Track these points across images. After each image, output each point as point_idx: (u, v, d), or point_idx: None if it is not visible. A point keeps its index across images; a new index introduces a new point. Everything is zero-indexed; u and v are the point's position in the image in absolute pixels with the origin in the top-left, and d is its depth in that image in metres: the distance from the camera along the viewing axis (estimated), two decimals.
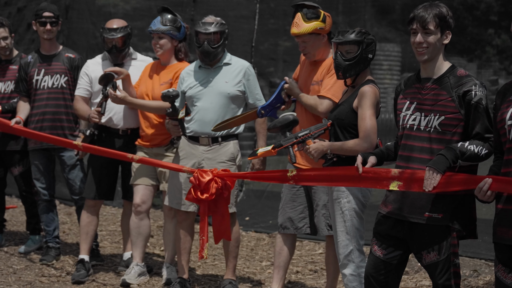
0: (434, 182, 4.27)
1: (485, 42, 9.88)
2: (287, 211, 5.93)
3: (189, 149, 6.32)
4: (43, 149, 7.34)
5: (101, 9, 11.47)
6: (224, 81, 6.25)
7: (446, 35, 4.49)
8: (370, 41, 5.21)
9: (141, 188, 6.72)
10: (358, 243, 5.22)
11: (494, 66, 10.02)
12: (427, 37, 4.49)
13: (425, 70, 4.55)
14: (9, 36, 7.73)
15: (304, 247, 8.17)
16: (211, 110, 6.21)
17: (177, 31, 6.65)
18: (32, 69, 7.37)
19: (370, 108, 5.12)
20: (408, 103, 4.55)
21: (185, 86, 6.36)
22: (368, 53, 5.21)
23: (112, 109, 6.86)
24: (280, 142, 5.29)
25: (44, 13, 7.31)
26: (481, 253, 7.48)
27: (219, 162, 6.21)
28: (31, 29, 11.48)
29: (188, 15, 10.28)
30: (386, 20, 10.79)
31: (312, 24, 5.69)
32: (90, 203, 6.99)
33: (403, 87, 4.66)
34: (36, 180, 7.46)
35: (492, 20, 10.05)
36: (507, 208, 4.11)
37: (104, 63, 7.02)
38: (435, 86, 4.47)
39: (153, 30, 6.60)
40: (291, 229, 5.92)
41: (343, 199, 5.18)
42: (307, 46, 5.74)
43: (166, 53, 6.66)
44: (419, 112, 4.49)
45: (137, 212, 6.72)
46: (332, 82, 5.63)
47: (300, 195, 5.91)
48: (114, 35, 6.89)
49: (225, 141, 6.27)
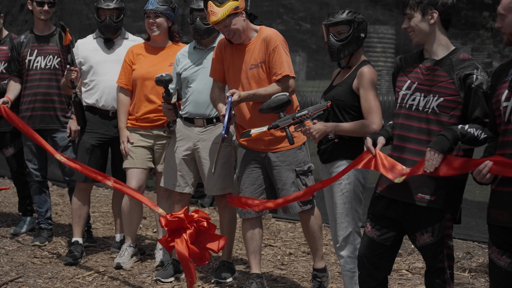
0: (436, 163, 4.24)
1: (480, 25, 9.88)
2: (247, 195, 5.85)
3: (185, 131, 6.29)
4: (35, 130, 7.29)
5: None
6: None
7: (430, 15, 4.44)
8: (361, 20, 5.17)
9: (137, 172, 6.65)
10: (357, 225, 5.20)
11: (488, 49, 10.03)
12: (409, 21, 4.48)
13: (427, 51, 4.52)
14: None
15: (297, 229, 8.15)
16: (205, 91, 6.16)
17: (173, 11, 6.62)
18: (25, 49, 7.31)
19: (373, 89, 5.10)
20: (409, 82, 4.52)
21: (180, 68, 6.31)
22: (360, 32, 5.16)
23: (101, 90, 6.82)
24: (277, 123, 5.24)
25: None
26: (473, 235, 7.49)
27: (214, 143, 6.17)
28: (25, 10, 11.44)
29: None
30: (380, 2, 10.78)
31: (226, 6, 5.58)
32: (81, 186, 6.95)
33: (404, 64, 4.63)
34: (29, 161, 7.42)
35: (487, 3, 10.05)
36: (502, 190, 4.08)
37: (97, 40, 6.97)
38: (437, 67, 4.43)
39: (151, 9, 6.52)
40: (253, 213, 5.88)
41: (344, 181, 5.14)
42: (231, 29, 5.64)
43: (162, 34, 6.61)
44: (419, 92, 4.46)
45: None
46: (283, 57, 5.60)
47: (259, 178, 5.87)
48: (110, 5, 6.84)
49: (220, 122, 6.24)
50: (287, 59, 5.67)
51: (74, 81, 6.68)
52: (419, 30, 4.45)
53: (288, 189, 5.74)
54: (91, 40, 7.01)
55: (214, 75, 5.93)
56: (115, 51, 6.91)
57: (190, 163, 6.30)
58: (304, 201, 5.75)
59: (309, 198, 5.78)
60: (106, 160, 7.03)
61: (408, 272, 6.56)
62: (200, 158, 6.22)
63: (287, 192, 5.72)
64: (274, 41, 5.65)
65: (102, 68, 6.85)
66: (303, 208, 5.81)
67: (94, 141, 6.83)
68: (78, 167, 6.30)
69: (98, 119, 6.87)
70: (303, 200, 5.75)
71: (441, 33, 4.47)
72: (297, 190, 5.70)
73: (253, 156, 5.84)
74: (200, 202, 9.37)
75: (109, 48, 6.92)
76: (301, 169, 5.76)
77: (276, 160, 5.74)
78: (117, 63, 6.76)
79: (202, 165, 6.23)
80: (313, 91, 10.62)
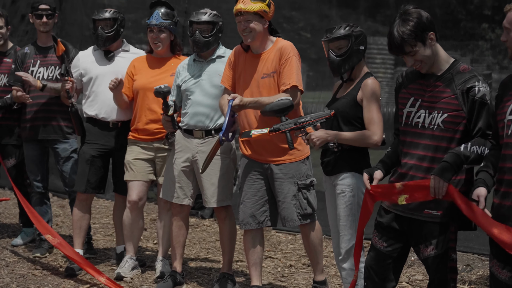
0: (442, 191, 4.26)
1: (479, 36, 9.87)
2: (249, 207, 5.87)
3: (184, 142, 6.29)
4: (37, 141, 7.30)
5: (95, 1, 11.42)
6: (217, 74, 6.20)
7: (429, 38, 4.43)
8: (358, 33, 5.19)
9: (138, 184, 6.66)
10: None
11: (487, 61, 10.01)
12: (412, 58, 4.46)
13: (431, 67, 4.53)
14: (4, 26, 7.68)
15: (297, 240, 8.15)
16: (204, 103, 6.18)
17: (175, 25, 6.63)
18: (28, 60, 7.34)
19: (376, 101, 5.13)
20: (412, 99, 4.53)
21: (180, 80, 6.33)
22: (359, 45, 5.18)
23: (101, 101, 6.83)
24: (278, 127, 5.26)
25: (40, 5, 7.27)
26: (474, 247, 7.48)
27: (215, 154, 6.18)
28: (25, 20, 11.46)
29: (182, 8, 10.24)
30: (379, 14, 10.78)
31: (258, 4, 5.65)
32: (81, 197, 6.94)
33: (406, 80, 4.63)
34: (30, 172, 7.43)
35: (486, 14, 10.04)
36: (502, 203, 4.10)
37: (96, 53, 6.97)
38: (439, 83, 4.44)
39: (155, 24, 6.52)
40: (253, 224, 5.88)
41: (348, 193, 5.15)
42: (250, 26, 5.66)
43: (165, 47, 6.63)
44: (424, 109, 4.46)
45: (133, 208, 6.67)
46: (294, 69, 5.62)
47: (261, 189, 5.87)
48: (101, 16, 6.84)
49: (219, 133, 6.25)
50: (297, 72, 5.67)
51: (69, 91, 6.70)
52: (427, 59, 4.44)
53: (289, 202, 5.73)
54: (92, 52, 7.02)
55: (225, 82, 5.96)
56: (115, 63, 6.91)
57: (189, 174, 6.30)
58: (304, 214, 5.75)
59: (310, 212, 5.78)
60: (106, 171, 7.03)
61: (409, 284, 6.56)
62: (199, 169, 6.22)
63: (288, 205, 5.72)
64: (288, 52, 5.67)
65: (101, 80, 6.84)
66: (303, 222, 5.80)
67: (94, 152, 6.84)
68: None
69: (98, 130, 6.88)
70: (304, 214, 5.74)
71: (437, 47, 4.49)
72: (297, 204, 5.71)
73: (256, 167, 5.85)
74: (200, 214, 9.37)
75: (109, 60, 6.92)
76: (303, 182, 5.76)
77: (278, 172, 5.75)
78: (117, 75, 6.74)
79: (201, 177, 6.23)
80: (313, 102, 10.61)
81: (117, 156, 6.88)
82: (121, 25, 6.93)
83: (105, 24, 6.83)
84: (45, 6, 7.27)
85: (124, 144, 6.79)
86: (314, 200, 5.82)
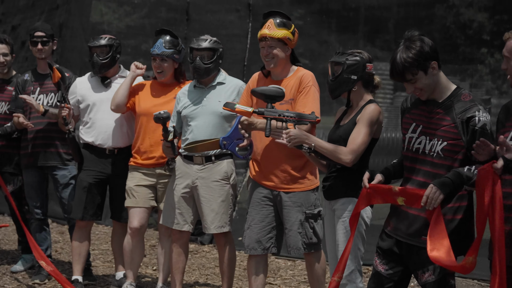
0: (435, 203, 4.24)
1: (478, 61, 9.88)
2: (255, 232, 5.85)
3: (184, 168, 6.29)
4: (36, 167, 7.30)
5: (95, 27, 11.47)
6: (217, 100, 6.21)
7: (431, 67, 4.43)
8: (352, 62, 5.17)
9: (139, 211, 6.65)
10: (359, 264, 5.20)
11: (486, 85, 10.02)
12: (412, 86, 4.45)
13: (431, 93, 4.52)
14: (9, 54, 7.71)
15: (297, 266, 8.13)
16: (204, 129, 6.19)
17: (179, 53, 6.61)
18: (28, 87, 7.36)
19: (369, 126, 5.11)
20: (414, 125, 4.53)
21: (180, 106, 6.34)
22: (351, 74, 5.16)
23: (98, 128, 6.84)
24: (263, 111, 5.28)
25: (36, 32, 7.30)
26: (473, 273, 7.41)
27: (212, 181, 6.18)
28: (25, 47, 11.49)
29: (182, 34, 10.28)
30: (378, 39, 10.80)
31: (283, 31, 5.71)
32: (80, 224, 6.93)
33: (409, 105, 4.63)
34: (29, 199, 7.42)
35: (485, 39, 10.05)
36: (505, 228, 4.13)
37: (92, 80, 6.98)
38: (440, 110, 4.43)
39: (158, 54, 6.52)
40: (259, 250, 5.86)
41: (347, 218, 5.12)
42: (273, 52, 5.71)
43: (168, 76, 6.63)
44: (425, 136, 4.46)
45: (134, 235, 6.65)
46: (310, 98, 5.63)
47: (269, 215, 5.85)
48: (96, 43, 6.85)
49: (219, 159, 6.24)
50: (314, 101, 5.67)
51: (66, 118, 6.70)
52: (428, 87, 4.44)
53: (295, 230, 5.72)
54: (89, 78, 7.03)
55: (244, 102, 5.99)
56: (112, 90, 6.89)
57: (189, 200, 6.30)
58: (309, 244, 5.72)
59: (315, 242, 5.75)
60: (104, 198, 7.02)
61: None
62: (198, 196, 6.21)
63: (294, 233, 5.71)
64: (308, 81, 5.70)
65: (98, 107, 6.86)
66: (307, 251, 5.77)
67: (91, 179, 6.84)
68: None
69: (95, 157, 6.87)
70: (309, 243, 5.71)
71: (440, 75, 4.48)
72: (303, 233, 5.70)
73: (266, 193, 5.84)
74: (200, 240, 9.35)
75: (106, 87, 6.93)
76: (311, 212, 5.73)
77: (287, 200, 5.73)
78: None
79: (201, 203, 6.23)
80: None
81: (114, 183, 6.88)
82: (117, 51, 6.93)
83: (100, 51, 6.84)
84: (40, 33, 7.30)
85: (121, 170, 6.79)
86: (320, 230, 5.79)
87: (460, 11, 10.03)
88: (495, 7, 9.90)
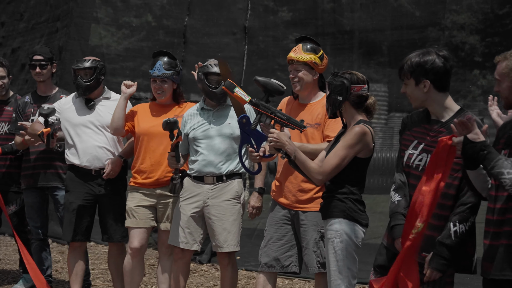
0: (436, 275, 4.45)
1: (470, 82, 9.97)
2: (273, 250, 5.92)
3: (194, 189, 6.34)
4: (37, 188, 7.36)
5: (94, 49, 11.54)
6: (226, 122, 6.31)
7: (423, 84, 4.54)
8: (338, 83, 5.14)
9: (139, 231, 6.67)
10: (350, 283, 5.18)
11: (479, 106, 10.12)
12: (405, 87, 4.59)
13: (432, 112, 4.62)
14: (6, 76, 7.80)
15: (294, 285, 8.19)
16: (214, 150, 6.26)
17: (178, 74, 6.68)
18: (28, 109, 7.44)
19: (346, 148, 5.08)
20: (416, 142, 4.62)
21: (188, 128, 6.39)
22: (337, 95, 5.14)
23: (83, 150, 6.83)
24: (259, 103, 5.31)
25: (34, 56, 7.40)
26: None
27: (224, 200, 6.26)
28: (25, 69, 11.59)
29: (179, 56, 10.38)
30: (373, 61, 10.89)
31: (310, 55, 5.81)
32: (74, 244, 6.94)
33: (411, 122, 4.72)
34: (30, 219, 7.49)
35: (477, 61, 10.16)
36: (491, 244, 4.24)
37: (77, 101, 6.97)
38: (442, 129, 4.53)
39: (158, 75, 6.58)
40: (277, 268, 5.91)
41: (336, 239, 5.14)
42: (299, 75, 5.81)
43: (167, 96, 6.70)
44: (426, 153, 4.55)
45: (134, 255, 6.67)
46: (339, 124, 5.62)
47: (287, 234, 5.92)
48: (80, 66, 6.86)
49: (230, 179, 6.32)
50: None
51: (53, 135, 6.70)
52: (414, 98, 4.57)
53: (310, 248, 5.78)
54: (73, 99, 7.02)
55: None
56: (95, 112, 6.91)
57: (198, 220, 6.35)
58: (323, 263, 5.70)
59: None
60: (92, 219, 7.00)
61: None
62: (209, 214, 6.29)
63: (309, 251, 5.78)
64: None
65: (82, 129, 6.87)
66: (321, 270, 5.77)
67: (80, 201, 6.85)
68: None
69: (82, 179, 6.88)
70: (322, 262, 5.72)
71: (441, 96, 4.56)
72: (318, 252, 5.73)
73: (284, 213, 5.92)
74: (198, 259, 9.40)
75: (90, 109, 6.92)
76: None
77: (304, 219, 5.81)
78: (97, 123, 6.82)
79: (213, 222, 6.28)
80: None
81: (102, 203, 6.89)
82: (101, 73, 6.92)
83: (84, 73, 6.83)
84: (38, 56, 7.40)
85: (109, 191, 6.83)
86: None
87: (452, 33, 10.13)
88: (486, 30, 10.02)
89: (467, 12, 10.14)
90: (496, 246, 4.20)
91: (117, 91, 6.95)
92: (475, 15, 10.13)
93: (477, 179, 4.33)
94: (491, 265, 4.21)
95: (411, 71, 4.54)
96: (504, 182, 4.08)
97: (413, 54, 4.60)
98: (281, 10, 11.42)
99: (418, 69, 4.53)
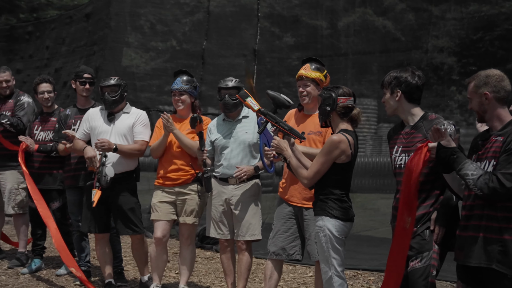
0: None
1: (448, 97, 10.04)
2: (280, 241, 5.98)
3: (220, 188, 6.50)
4: (77, 187, 7.44)
5: (125, 69, 11.64)
6: (244, 131, 6.45)
7: (396, 93, 4.73)
8: (326, 95, 5.15)
9: (162, 223, 6.75)
10: (336, 270, 5.09)
11: (456, 118, 10.19)
12: (384, 96, 4.79)
13: (404, 120, 4.82)
14: (52, 91, 7.94)
15: (297, 270, 8.24)
16: (235, 156, 6.43)
17: (194, 89, 6.81)
18: (70, 120, 7.51)
19: (324, 155, 5.06)
20: (396, 147, 4.80)
21: (213, 136, 6.56)
22: (326, 106, 5.14)
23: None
24: (267, 113, 5.41)
25: (85, 74, 7.49)
26: (447, 276, 7.50)
27: (246, 197, 6.41)
28: (67, 86, 11.68)
29: (198, 75, 10.47)
30: (365, 79, 10.97)
31: (316, 73, 5.91)
32: (98, 236, 7.03)
33: (392, 133, 4.91)
34: (72, 214, 7.56)
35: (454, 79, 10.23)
36: (460, 235, 4.37)
37: (103, 112, 7.03)
38: (413, 131, 4.70)
39: (176, 88, 6.71)
40: (283, 256, 5.99)
41: (320, 233, 5.13)
42: (307, 89, 5.90)
43: (186, 108, 6.80)
44: (404, 153, 4.71)
45: (158, 243, 6.74)
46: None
47: (292, 227, 5.98)
48: (107, 83, 6.94)
49: (250, 180, 6.46)
50: None
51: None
52: (389, 105, 4.78)
53: (312, 239, 5.83)
54: (99, 111, 7.07)
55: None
56: (114, 124, 6.95)
57: (227, 214, 6.50)
58: None
59: None
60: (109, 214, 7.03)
61: None
62: (234, 209, 6.43)
63: (311, 242, 5.82)
64: None
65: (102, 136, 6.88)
66: None
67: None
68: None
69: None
70: None
71: (410, 106, 4.74)
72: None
73: (289, 209, 5.99)
74: (215, 248, 9.36)
75: (110, 121, 6.96)
76: None
77: (307, 215, 5.85)
78: (114, 135, 6.85)
79: (237, 216, 6.43)
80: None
81: (113, 202, 6.87)
82: (124, 90, 7.00)
83: (110, 90, 6.91)
84: (88, 75, 7.50)
85: (118, 191, 6.84)
86: None
87: (433, 55, 10.22)
88: (462, 52, 10.10)
89: (446, 37, 10.21)
90: (464, 237, 4.31)
91: (146, 104, 7.00)
92: (453, 39, 10.20)
93: (453, 182, 4.46)
94: (462, 253, 4.31)
95: (389, 82, 4.75)
96: (468, 182, 4.22)
97: (394, 70, 4.79)
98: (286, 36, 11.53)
99: (394, 81, 4.74)
